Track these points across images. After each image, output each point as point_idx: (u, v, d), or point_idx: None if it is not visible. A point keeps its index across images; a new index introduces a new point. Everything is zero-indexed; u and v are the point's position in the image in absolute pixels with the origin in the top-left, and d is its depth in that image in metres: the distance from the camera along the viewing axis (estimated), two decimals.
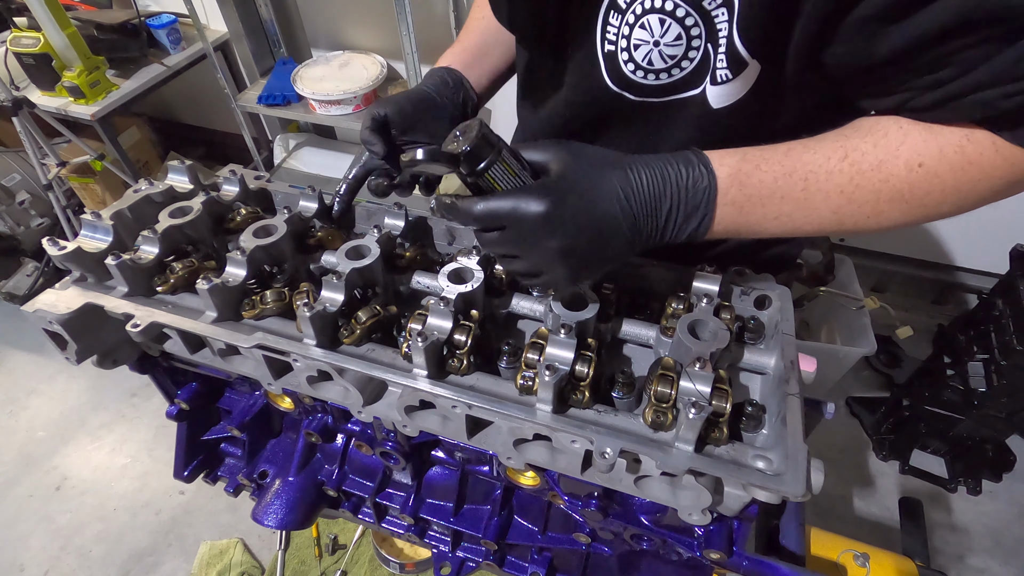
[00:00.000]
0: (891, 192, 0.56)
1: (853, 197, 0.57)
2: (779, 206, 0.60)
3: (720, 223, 0.61)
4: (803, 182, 0.58)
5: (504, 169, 0.58)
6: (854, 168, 0.57)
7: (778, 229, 0.62)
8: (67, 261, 0.74)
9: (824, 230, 0.62)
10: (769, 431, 0.61)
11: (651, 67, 0.67)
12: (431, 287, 0.76)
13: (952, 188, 0.55)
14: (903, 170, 0.55)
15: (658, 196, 0.58)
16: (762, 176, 0.59)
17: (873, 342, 2.12)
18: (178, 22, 2.64)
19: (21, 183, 2.91)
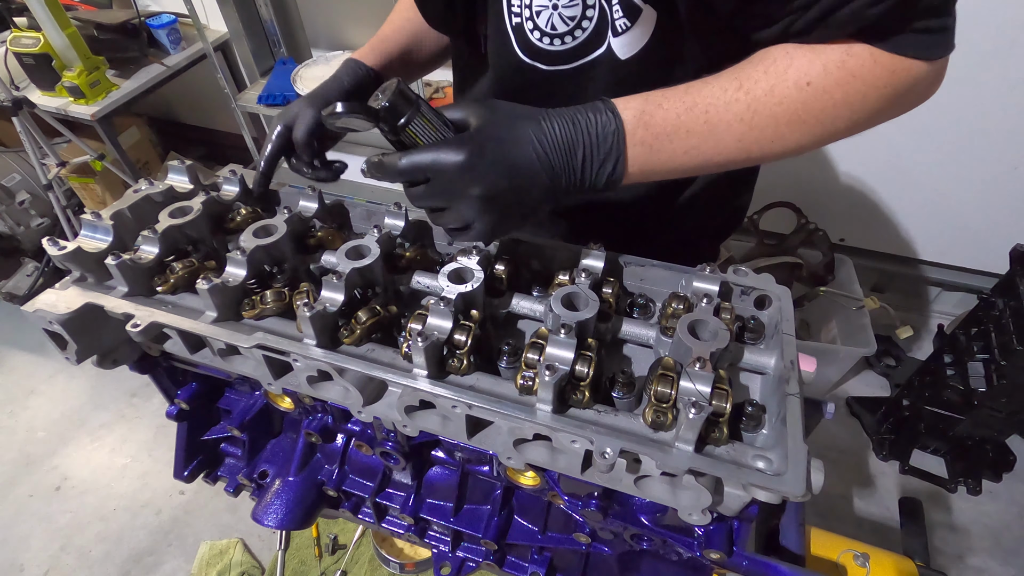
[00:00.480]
0: (787, 114, 0.60)
1: (753, 123, 0.61)
2: (685, 140, 0.63)
3: (634, 163, 0.64)
4: (704, 114, 0.61)
5: (424, 124, 0.62)
6: (749, 96, 0.60)
7: (690, 163, 0.65)
8: (67, 261, 0.74)
9: (733, 159, 0.65)
10: (769, 431, 0.61)
11: (555, 31, 0.71)
12: (431, 287, 0.76)
13: (842, 102, 0.59)
14: (793, 91, 0.59)
15: (571, 142, 0.62)
16: (665, 114, 0.62)
17: (873, 342, 2.13)
18: (178, 22, 2.65)
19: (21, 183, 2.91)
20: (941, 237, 2.37)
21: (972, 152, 2.09)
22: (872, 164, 2.25)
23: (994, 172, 2.12)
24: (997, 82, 1.90)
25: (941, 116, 2.03)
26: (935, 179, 2.21)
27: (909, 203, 2.32)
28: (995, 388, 1.78)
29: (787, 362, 0.64)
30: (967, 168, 2.14)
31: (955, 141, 2.08)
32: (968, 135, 2.05)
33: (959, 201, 2.24)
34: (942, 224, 2.33)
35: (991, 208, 2.21)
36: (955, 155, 2.12)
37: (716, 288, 0.72)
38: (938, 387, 1.96)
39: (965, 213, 2.26)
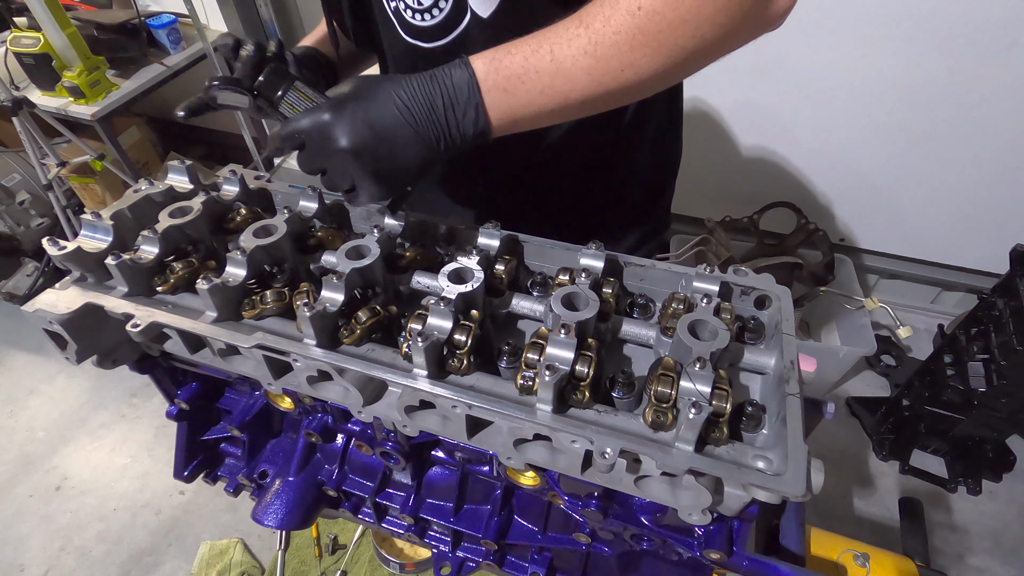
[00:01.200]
0: (627, 41, 0.61)
1: (598, 55, 0.63)
2: (537, 80, 0.65)
3: (493, 108, 0.67)
4: (549, 53, 0.64)
5: (300, 97, 0.69)
6: (590, 29, 0.62)
7: (549, 103, 0.67)
8: (67, 261, 0.74)
9: (591, 93, 0.66)
10: (769, 431, 0.61)
11: (422, 6, 0.77)
12: (431, 287, 0.76)
13: (676, 21, 0.60)
14: (627, 17, 0.60)
15: (429, 94, 0.67)
16: (513, 58, 0.66)
17: (873, 342, 2.13)
18: (178, 22, 2.64)
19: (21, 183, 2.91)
20: (941, 237, 2.37)
21: (972, 152, 2.09)
22: (872, 164, 2.25)
23: (994, 172, 2.12)
24: (997, 82, 1.90)
25: (941, 116, 2.03)
26: (935, 179, 2.21)
27: (909, 203, 2.32)
28: (995, 388, 1.78)
29: (787, 362, 0.64)
30: (967, 168, 2.14)
31: (955, 141, 2.08)
32: (968, 135, 2.05)
33: (959, 201, 2.24)
34: (942, 224, 2.33)
35: (991, 208, 2.21)
36: (955, 155, 2.12)
37: (716, 288, 0.72)
38: (938, 387, 1.96)
39: (965, 213, 2.26)
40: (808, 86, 2.13)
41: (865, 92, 2.07)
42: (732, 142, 2.40)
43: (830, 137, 2.24)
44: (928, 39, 1.88)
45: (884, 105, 2.07)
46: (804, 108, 2.20)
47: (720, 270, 0.74)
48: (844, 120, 2.17)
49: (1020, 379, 1.72)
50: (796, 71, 2.09)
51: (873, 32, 1.94)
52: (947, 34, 1.85)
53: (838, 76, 2.07)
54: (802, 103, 2.19)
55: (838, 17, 1.94)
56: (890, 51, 1.95)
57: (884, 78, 2.01)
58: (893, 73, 1.99)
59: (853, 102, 2.11)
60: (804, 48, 2.02)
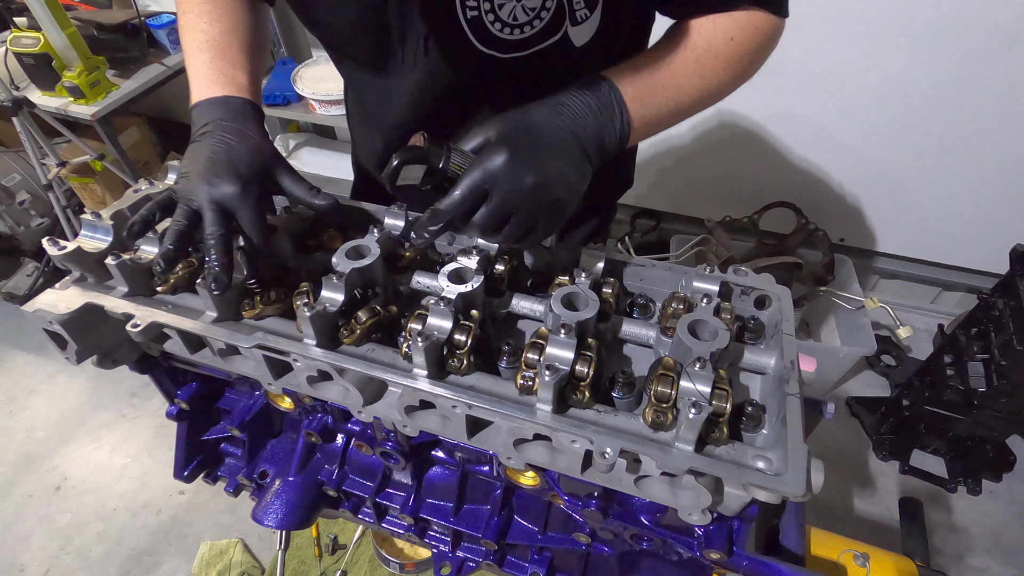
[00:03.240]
0: (723, 63, 0.78)
1: (703, 74, 0.78)
2: (663, 93, 0.76)
3: (634, 117, 0.74)
4: (669, 71, 0.77)
5: (461, 156, 0.65)
6: (695, 54, 0.77)
7: (668, 114, 0.79)
8: (67, 261, 0.74)
9: (694, 105, 0.81)
10: (769, 431, 0.61)
11: (516, 22, 0.76)
12: (431, 287, 0.76)
13: (752, 51, 0.79)
14: (724, 46, 0.77)
15: (582, 109, 0.70)
16: (640, 73, 0.75)
17: (873, 342, 2.13)
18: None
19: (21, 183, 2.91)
20: (941, 237, 2.37)
21: (972, 152, 2.09)
22: (872, 164, 2.25)
23: (994, 172, 2.12)
24: (997, 82, 1.90)
25: (941, 116, 2.03)
26: (935, 179, 2.21)
27: (909, 203, 2.32)
28: (995, 388, 1.78)
29: (787, 362, 0.64)
30: (967, 168, 2.14)
31: (955, 141, 2.08)
32: (968, 135, 2.05)
33: (959, 201, 2.24)
34: (942, 224, 2.33)
35: (991, 208, 2.21)
36: (955, 155, 2.12)
37: (716, 288, 0.72)
38: (938, 387, 1.96)
39: (965, 213, 2.26)
40: (808, 86, 2.13)
41: (865, 92, 2.07)
42: (732, 142, 2.40)
43: (830, 137, 2.24)
44: (928, 39, 1.88)
45: (884, 105, 2.07)
46: (804, 108, 2.20)
47: (720, 270, 0.74)
48: (844, 120, 2.17)
49: (1020, 379, 1.72)
50: (797, 72, 2.09)
51: (873, 33, 1.94)
52: (947, 34, 1.85)
53: (838, 76, 2.07)
54: (803, 103, 2.19)
55: (839, 18, 1.94)
56: (890, 51, 1.95)
57: (884, 78, 2.01)
58: (893, 73, 1.99)
59: (853, 102, 2.11)
60: (805, 49, 2.02)
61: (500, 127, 0.66)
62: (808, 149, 2.31)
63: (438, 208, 0.63)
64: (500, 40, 0.77)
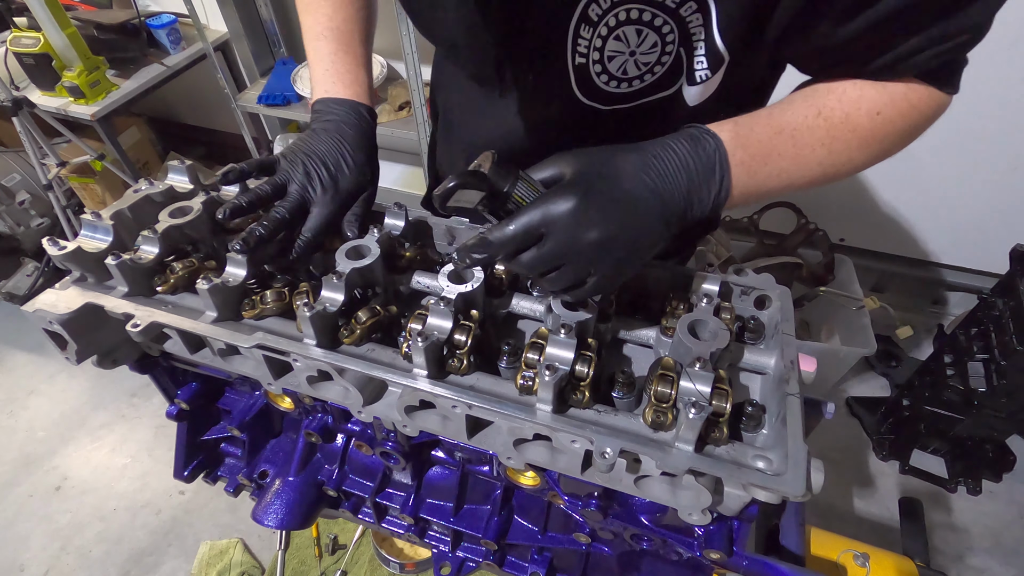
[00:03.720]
0: (859, 140, 0.65)
1: (832, 148, 0.65)
2: (778, 162, 0.64)
3: (736, 186, 0.62)
4: (791, 139, 0.64)
5: (527, 187, 0.58)
6: (828, 122, 0.64)
7: (779, 185, 0.66)
8: (67, 261, 0.74)
9: (813, 181, 0.68)
10: (769, 431, 0.61)
11: (625, 76, 0.70)
12: (431, 287, 0.76)
13: (903, 130, 0.66)
14: (866, 119, 0.64)
15: (675, 167, 0.59)
16: (758, 136, 0.63)
17: (873, 342, 2.13)
18: (178, 22, 2.64)
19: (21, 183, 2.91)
20: (941, 237, 2.37)
21: (972, 152, 2.09)
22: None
23: (994, 172, 2.12)
24: (997, 82, 1.90)
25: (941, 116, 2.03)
26: (935, 179, 2.21)
27: (909, 203, 2.32)
28: (995, 388, 1.78)
29: (787, 362, 0.64)
30: (967, 168, 2.14)
31: (955, 141, 2.08)
32: (968, 135, 2.05)
33: (959, 201, 2.24)
34: (942, 224, 2.33)
35: (991, 208, 2.21)
36: (955, 155, 2.12)
37: (716, 288, 0.72)
38: (938, 387, 1.96)
39: (965, 213, 2.26)
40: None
41: None
42: None
43: None
44: None
45: None
46: None
47: (720, 270, 0.74)
48: None
49: (1020, 379, 1.72)
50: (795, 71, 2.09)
51: None
52: None
53: None
54: None
55: None
56: None
57: None
58: None
59: None
60: None
61: (578, 166, 0.59)
62: None
63: (486, 238, 0.58)
64: (604, 92, 0.71)
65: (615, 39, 0.66)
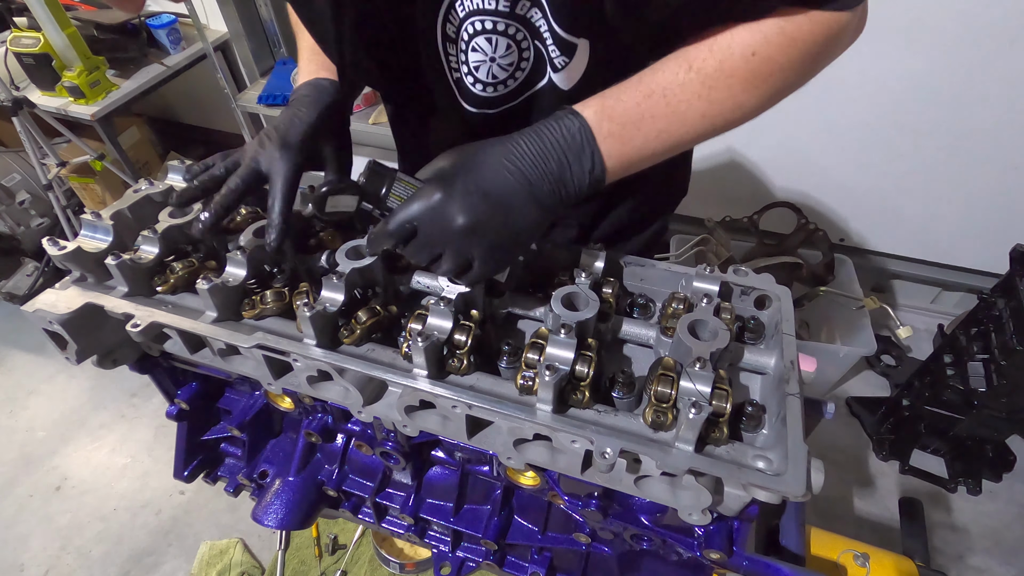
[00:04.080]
0: (740, 83, 0.63)
1: (712, 98, 0.64)
2: (653, 124, 0.64)
3: (609, 156, 0.64)
4: (663, 99, 0.64)
5: (405, 187, 0.66)
6: (702, 74, 0.63)
7: (662, 146, 0.66)
8: (67, 261, 0.74)
9: (701, 133, 0.67)
10: (769, 431, 0.61)
11: (494, 80, 0.74)
12: (431, 287, 0.76)
13: (787, 65, 0.63)
14: (741, 62, 0.62)
15: (541, 150, 0.62)
16: (625, 104, 0.64)
17: (873, 342, 2.13)
18: (178, 22, 2.64)
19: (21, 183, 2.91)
20: (941, 237, 2.37)
21: (972, 152, 2.09)
22: (872, 164, 2.25)
23: (994, 172, 2.12)
24: (997, 81, 1.90)
25: (941, 116, 2.03)
26: (935, 179, 2.21)
27: (909, 203, 2.32)
28: (995, 388, 1.78)
29: (787, 362, 0.64)
30: (967, 168, 2.14)
31: (955, 141, 2.08)
32: (968, 135, 2.05)
33: (959, 201, 2.24)
34: (942, 224, 2.33)
35: (991, 208, 2.21)
36: (955, 155, 2.12)
37: (716, 288, 0.72)
38: (938, 387, 1.96)
39: (965, 213, 2.26)
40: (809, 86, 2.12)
41: (865, 92, 2.07)
42: (732, 142, 2.40)
43: (830, 137, 2.24)
44: (928, 39, 1.88)
45: (884, 105, 2.07)
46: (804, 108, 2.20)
47: (720, 270, 0.74)
48: (844, 120, 2.17)
49: (1020, 379, 1.72)
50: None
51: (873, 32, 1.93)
52: (946, 33, 1.85)
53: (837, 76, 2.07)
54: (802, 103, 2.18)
55: None
56: (890, 50, 1.95)
57: (883, 77, 2.01)
58: (893, 72, 1.99)
59: (853, 102, 2.11)
60: None
61: (447, 161, 0.66)
62: (808, 149, 2.31)
63: (370, 235, 0.67)
64: (484, 99, 0.76)
65: (473, 51, 0.71)
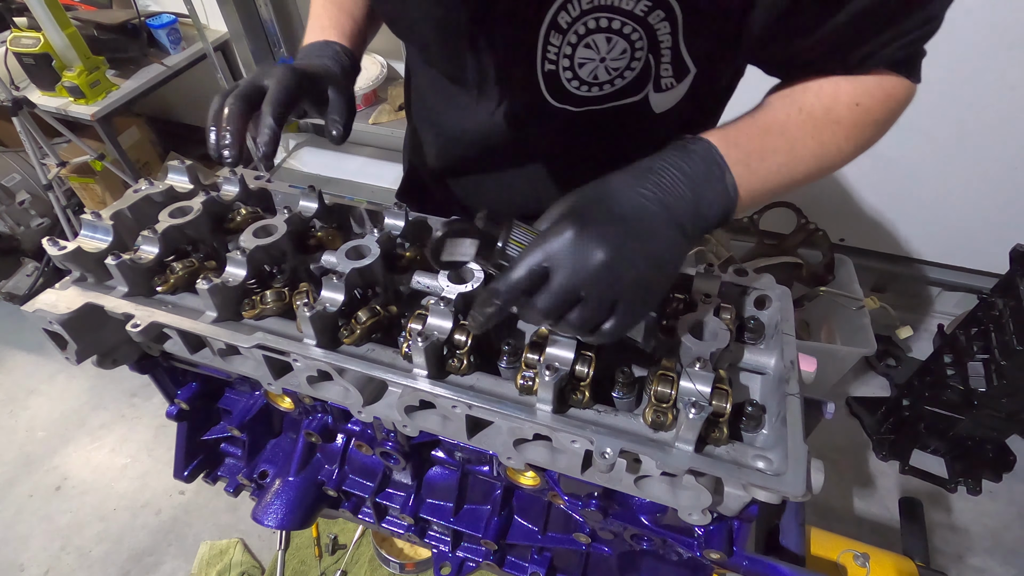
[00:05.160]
0: (844, 131, 0.67)
1: (821, 140, 0.67)
2: (773, 158, 0.65)
3: (739, 182, 0.61)
4: (781, 135, 0.65)
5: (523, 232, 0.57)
6: (812, 117, 0.66)
7: (780, 181, 0.67)
8: (67, 261, 0.74)
9: (810, 174, 0.69)
10: (769, 431, 0.61)
11: (596, 80, 0.71)
12: (431, 287, 0.76)
13: (881, 118, 0.69)
14: (846, 111, 0.66)
15: (671, 174, 0.57)
16: (747, 137, 0.64)
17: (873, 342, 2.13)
18: (178, 22, 2.64)
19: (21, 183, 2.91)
20: (941, 237, 2.37)
21: (972, 152, 2.09)
22: (872, 164, 2.25)
23: (994, 172, 2.12)
24: (996, 82, 1.90)
25: (941, 116, 2.03)
26: (935, 179, 2.21)
27: (909, 203, 2.32)
28: (995, 388, 1.78)
29: (787, 362, 0.64)
30: (967, 168, 2.14)
31: (955, 141, 2.08)
32: (968, 135, 2.05)
33: (959, 201, 2.24)
34: (942, 224, 2.33)
35: (991, 208, 2.21)
36: (955, 155, 2.12)
37: (716, 288, 0.72)
38: (938, 387, 1.96)
39: (965, 213, 2.26)
40: None
41: None
42: None
43: None
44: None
45: None
46: None
47: (720, 270, 0.74)
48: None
49: (1020, 379, 1.72)
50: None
51: None
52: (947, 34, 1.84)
53: None
54: None
55: None
56: None
57: None
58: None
59: None
60: None
61: (571, 201, 0.57)
62: None
63: (493, 287, 0.54)
64: (574, 96, 0.73)
65: (585, 46, 0.67)
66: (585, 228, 0.53)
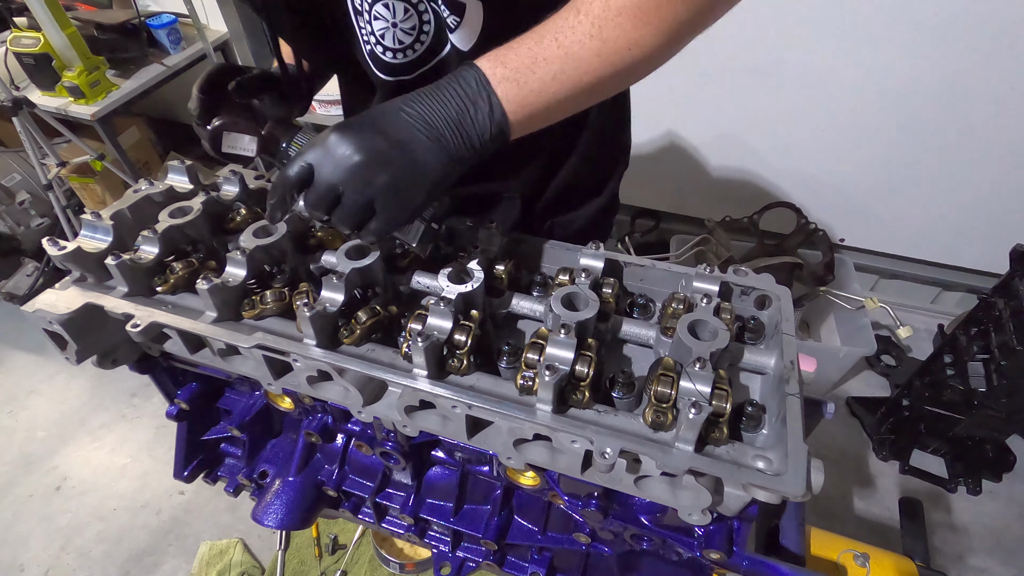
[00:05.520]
0: (630, 20, 0.62)
1: (604, 37, 0.63)
2: (547, 66, 0.65)
3: (508, 101, 0.64)
4: (555, 41, 0.64)
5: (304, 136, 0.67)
6: (589, 15, 0.63)
7: (563, 89, 0.66)
8: (67, 261, 0.74)
9: (602, 74, 0.66)
10: (769, 431, 0.61)
11: (401, 46, 0.77)
12: (431, 287, 0.76)
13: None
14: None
15: (439, 99, 0.63)
16: (517, 51, 0.65)
17: (873, 342, 2.13)
18: (178, 22, 2.64)
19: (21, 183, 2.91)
20: (941, 237, 2.37)
21: (972, 152, 2.09)
22: (872, 164, 2.25)
23: (994, 172, 2.12)
24: (997, 82, 1.90)
25: (941, 116, 2.03)
26: (935, 179, 2.21)
27: (909, 203, 2.32)
28: (995, 388, 1.78)
29: (787, 362, 0.64)
30: (967, 168, 2.14)
31: (955, 141, 2.08)
32: (968, 135, 2.05)
33: (959, 201, 2.24)
34: (942, 224, 2.33)
35: (991, 208, 2.21)
36: (955, 155, 2.12)
37: (716, 288, 0.72)
38: (938, 387, 1.96)
39: (965, 213, 2.26)
40: (808, 86, 2.13)
41: (864, 92, 2.07)
42: (732, 142, 2.40)
43: (830, 137, 2.24)
44: (928, 40, 1.88)
45: (884, 105, 2.07)
46: (804, 108, 2.20)
47: (720, 270, 0.74)
48: (844, 120, 2.17)
49: (1020, 379, 1.72)
50: (796, 72, 2.09)
51: (872, 33, 1.93)
52: (948, 34, 1.85)
53: (837, 77, 2.07)
54: (802, 103, 2.19)
55: (838, 18, 1.94)
56: (890, 52, 1.95)
57: (883, 79, 2.01)
58: (893, 74, 1.99)
59: (852, 102, 2.11)
60: (804, 49, 2.02)
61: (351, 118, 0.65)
62: (808, 149, 2.31)
63: (274, 183, 0.65)
64: (396, 66, 0.79)
65: (375, 18, 0.75)
66: (345, 134, 0.61)
